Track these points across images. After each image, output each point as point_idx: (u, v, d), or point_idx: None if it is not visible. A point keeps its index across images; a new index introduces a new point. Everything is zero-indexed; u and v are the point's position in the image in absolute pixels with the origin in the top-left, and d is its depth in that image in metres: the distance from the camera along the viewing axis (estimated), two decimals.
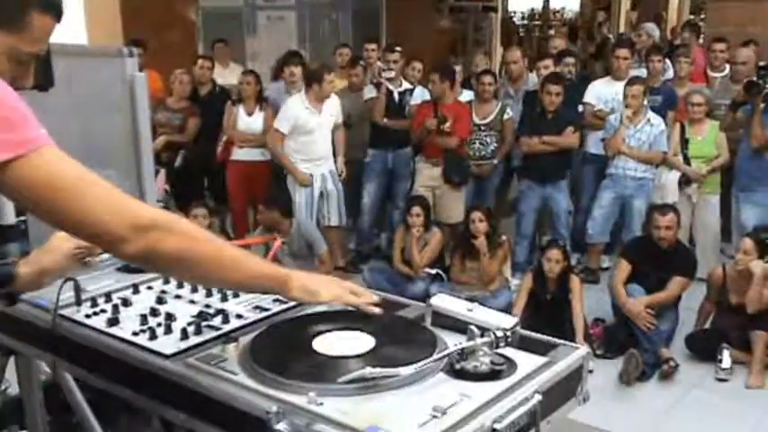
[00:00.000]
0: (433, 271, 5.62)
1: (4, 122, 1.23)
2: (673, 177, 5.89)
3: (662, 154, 5.83)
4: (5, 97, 1.26)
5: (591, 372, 4.39)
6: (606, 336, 4.95)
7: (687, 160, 5.89)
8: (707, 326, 4.96)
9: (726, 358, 4.60)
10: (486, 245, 5.31)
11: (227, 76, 7.27)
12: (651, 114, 5.83)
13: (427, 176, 6.18)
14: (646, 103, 5.84)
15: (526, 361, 1.35)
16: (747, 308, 4.63)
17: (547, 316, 4.77)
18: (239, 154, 6.31)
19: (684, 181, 5.87)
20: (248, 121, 6.29)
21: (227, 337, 1.43)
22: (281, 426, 1.19)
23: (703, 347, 4.77)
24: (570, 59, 6.67)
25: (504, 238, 5.58)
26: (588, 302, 5.05)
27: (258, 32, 8.93)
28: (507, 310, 4.70)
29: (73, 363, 1.60)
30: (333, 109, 5.97)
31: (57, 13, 1.40)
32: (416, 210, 5.62)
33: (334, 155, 6.09)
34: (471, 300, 1.54)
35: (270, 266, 1.50)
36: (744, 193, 5.72)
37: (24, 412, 1.99)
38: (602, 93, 6.30)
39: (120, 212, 1.32)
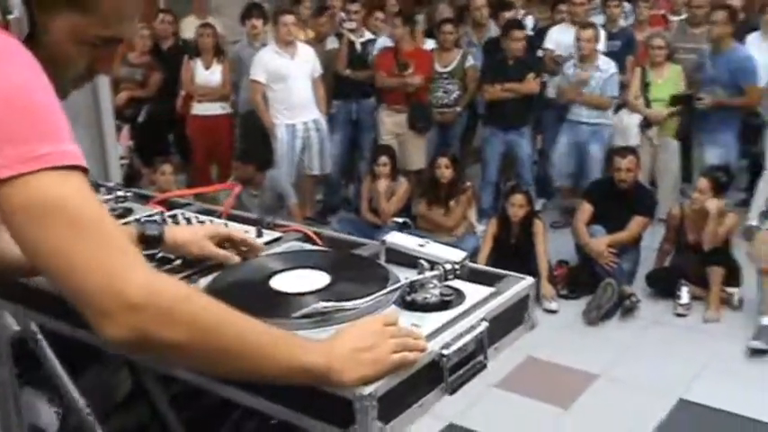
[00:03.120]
0: (401, 220, 5.66)
1: (26, 131, 0.99)
2: (634, 120, 5.98)
3: (611, 99, 5.89)
4: (35, 98, 1.02)
5: (556, 312, 4.59)
6: (570, 276, 5.08)
7: (648, 103, 5.98)
8: (666, 264, 5.10)
9: (684, 294, 4.75)
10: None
11: None
12: (601, 59, 5.90)
13: (391, 124, 6.23)
14: (598, 48, 5.91)
15: (474, 291, 1.40)
16: (704, 245, 4.77)
17: (512, 260, 4.86)
18: (199, 108, 6.28)
19: (645, 124, 5.97)
20: (206, 74, 6.24)
21: (188, 279, 1.47)
22: None
23: (663, 285, 4.92)
24: (510, 12, 6.62)
25: (468, 184, 5.66)
26: (553, 245, 5.17)
27: None
28: (474, 255, 4.79)
29: (40, 311, 1.63)
30: (308, 56, 5.94)
31: None
32: (383, 159, 5.67)
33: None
34: None
35: (308, 353, 1.11)
36: (706, 135, 5.83)
37: None
38: (561, 38, 6.34)
39: (109, 275, 0.98)
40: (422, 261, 1.39)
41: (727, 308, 4.75)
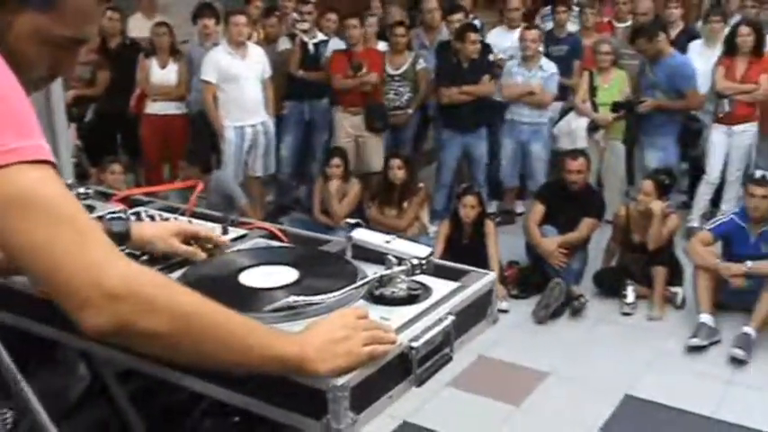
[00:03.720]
0: (353, 221, 5.69)
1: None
2: (582, 124, 6.12)
3: (551, 95, 6.06)
4: (6, 97, 1.02)
5: (507, 311, 4.66)
6: (520, 277, 5.17)
7: (595, 107, 6.13)
8: (613, 263, 5.23)
9: (630, 293, 4.89)
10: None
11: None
12: (543, 60, 6.05)
13: (348, 126, 6.25)
14: (540, 49, 6.05)
15: (440, 286, 1.44)
16: (648, 245, 4.91)
17: (464, 260, 4.88)
18: (153, 107, 6.21)
19: (593, 127, 6.12)
20: (162, 73, 6.18)
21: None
22: None
23: (610, 284, 5.05)
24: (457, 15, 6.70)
25: (421, 185, 5.72)
26: (504, 246, 5.25)
27: None
28: None
29: (8, 310, 1.61)
30: (258, 57, 5.92)
31: None
32: (336, 161, 5.69)
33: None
34: None
35: (282, 343, 1.14)
36: (647, 138, 6.01)
37: None
38: (499, 41, 6.45)
39: (88, 266, 0.98)
40: (389, 257, 1.42)
41: (670, 306, 4.90)
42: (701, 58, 6.09)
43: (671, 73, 5.79)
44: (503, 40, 6.44)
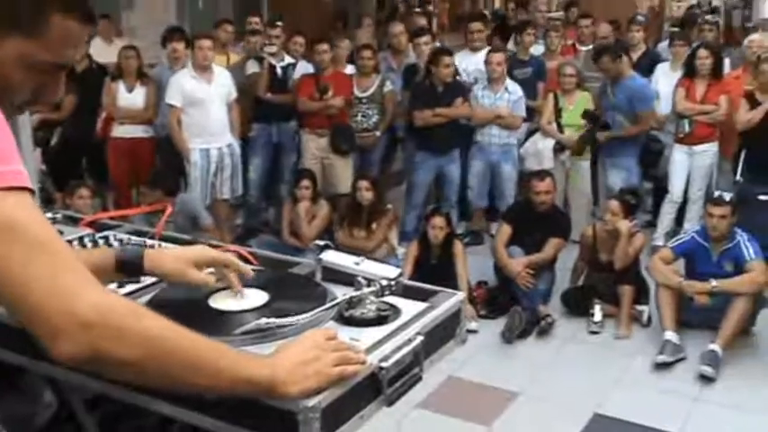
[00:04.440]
0: (322, 243, 5.69)
1: None
2: (548, 145, 6.21)
3: (520, 117, 6.16)
4: None
5: (475, 332, 4.67)
6: (488, 297, 5.21)
7: (561, 128, 6.22)
8: (580, 283, 5.29)
9: (597, 312, 4.94)
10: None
11: (112, 52, 7.00)
12: (509, 82, 6.16)
13: (314, 148, 6.27)
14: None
15: (409, 307, 1.46)
16: (615, 264, 4.98)
17: (433, 281, 4.91)
18: (120, 131, 6.18)
19: (558, 148, 6.20)
20: (129, 97, 6.15)
21: (130, 297, 1.47)
22: None
23: (577, 303, 5.10)
24: (424, 38, 6.76)
25: (389, 206, 5.74)
26: (472, 267, 5.28)
27: (135, 6, 8.66)
28: None
29: None
30: (224, 80, 5.92)
31: (84, 17, 1.16)
32: (305, 183, 5.70)
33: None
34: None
35: (252, 365, 1.15)
36: (610, 159, 6.12)
37: None
38: (464, 64, 6.54)
39: (61, 294, 0.99)
40: (359, 278, 1.44)
41: (637, 324, 4.95)
42: (666, 80, 6.24)
43: (630, 95, 5.92)
44: (467, 63, 6.51)
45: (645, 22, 7.68)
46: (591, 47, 7.04)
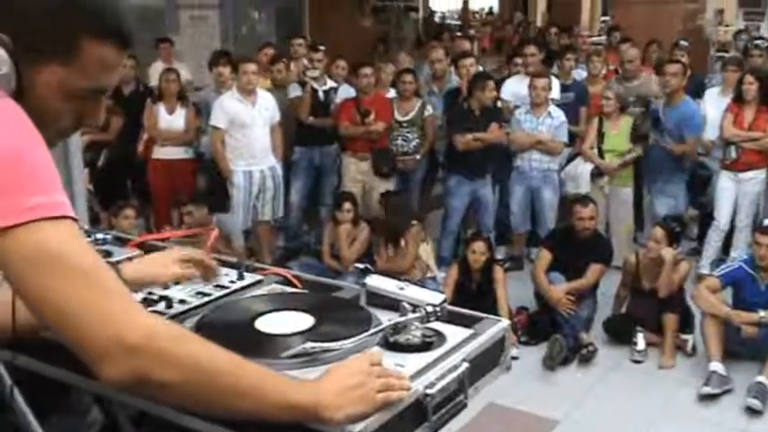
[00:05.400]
0: (362, 266, 5.73)
1: (12, 184, 1.01)
2: (587, 168, 6.15)
3: (562, 143, 6.10)
4: (25, 154, 1.04)
5: (516, 358, 4.62)
6: (529, 323, 5.15)
7: (602, 153, 6.17)
8: (623, 310, 5.21)
9: (640, 341, 4.85)
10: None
11: None
12: (552, 107, 6.12)
13: (355, 171, 6.31)
14: (553, 96, 6.11)
15: (454, 333, 1.45)
16: (659, 292, 4.89)
17: (473, 305, 4.89)
18: (161, 152, 6.29)
19: (596, 173, 6.15)
20: (169, 119, 6.27)
21: (175, 320, 1.49)
22: None
23: (619, 331, 5.01)
24: (469, 60, 6.81)
25: (414, 222, 5.69)
26: (512, 292, 5.24)
27: (181, 32, 8.85)
28: None
29: (15, 350, 1.62)
30: (267, 103, 6.00)
31: (120, 41, 1.15)
32: (347, 206, 5.73)
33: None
34: None
35: (297, 390, 1.15)
36: (656, 185, 6.04)
37: None
38: (516, 89, 6.52)
39: (108, 320, 1.02)
40: (404, 303, 1.43)
41: (681, 354, 4.86)
42: (715, 105, 6.15)
43: (680, 119, 5.87)
44: (519, 88, 6.48)
45: (688, 48, 7.62)
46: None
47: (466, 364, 1.38)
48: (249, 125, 5.86)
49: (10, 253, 1.00)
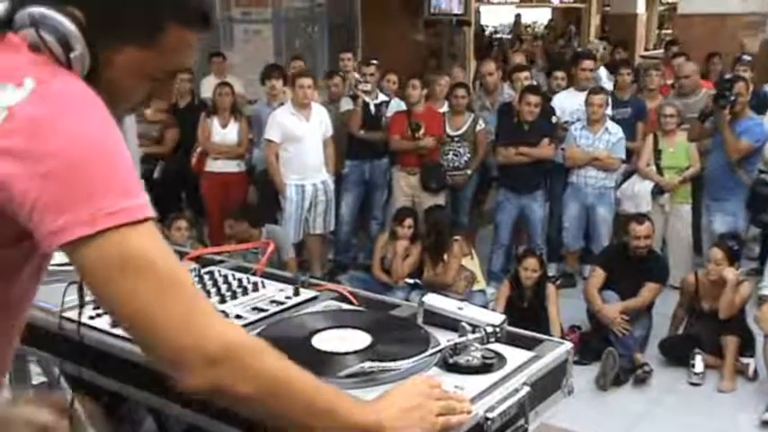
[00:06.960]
0: (412, 281, 5.69)
1: (104, 188, 1.01)
2: (646, 187, 6.02)
3: (619, 160, 5.97)
4: (112, 151, 1.04)
5: None
6: (582, 342, 5.04)
7: (660, 170, 6.03)
8: (680, 331, 5.07)
9: (698, 363, 4.71)
10: None
11: None
12: (609, 123, 6.02)
13: (405, 185, 6.29)
14: (608, 112, 6.00)
15: (514, 355, 1.41)
16: (719, 314, 4.75)
17: (524, 323, 4.82)
18: (214, 165, 6.36)
19: (657, 191, 6.01)
20: (223, 132, 6.33)
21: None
22: None
23: (677, 353, 4.88)
24: (524, 74, 6.74)
25: (456, 238, 5.63)
26: (564, 310, 5.15)
27: (235, 46, 8.97)
28: None
29: (79, 364, 1.63)
30: (321, 116, 6.03)
31: (201, 25, 1.16)
32: (408, 222, 5.70)
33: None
34: None
35: (361, 411, 1.15)
36: (714, 203, 5.87)
37: None
38: (566, 104, 6.43)
39: (193, 331, 1.02)
40: (463, 324, 1.40)
41: (741, 378, 4.70)
42: None
43: (744, 135, 5.69)
44: (570, 103, 6.40)
45: (752, 62, 7.42)
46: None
47: (527, 388, 1.34)
48: (303, 139, 5.89)
49: (94, 258, 1.00)
